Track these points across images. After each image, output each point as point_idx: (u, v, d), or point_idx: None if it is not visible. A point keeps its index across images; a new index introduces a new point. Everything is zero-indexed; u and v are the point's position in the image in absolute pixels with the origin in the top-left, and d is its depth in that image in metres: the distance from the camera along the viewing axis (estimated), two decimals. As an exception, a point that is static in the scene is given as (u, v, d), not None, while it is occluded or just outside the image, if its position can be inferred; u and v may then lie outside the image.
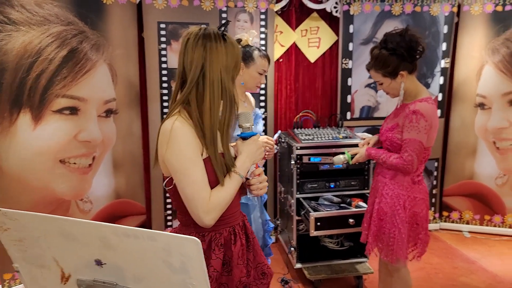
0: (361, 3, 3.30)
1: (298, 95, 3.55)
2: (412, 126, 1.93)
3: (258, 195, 1.33)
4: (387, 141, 2.08)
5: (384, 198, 2.06)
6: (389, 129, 2.07)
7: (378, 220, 2.09)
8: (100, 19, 2.75)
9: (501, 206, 3.57)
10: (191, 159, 1.20)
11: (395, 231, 2.02)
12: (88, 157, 2.79)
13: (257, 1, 3.08)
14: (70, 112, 2.67)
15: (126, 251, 0.70)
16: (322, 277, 2.74)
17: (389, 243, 2.05)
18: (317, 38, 3.45)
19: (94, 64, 2.73)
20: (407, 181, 2.04)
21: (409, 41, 1.96)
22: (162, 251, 0.67)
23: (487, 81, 3.44)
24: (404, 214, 2.01)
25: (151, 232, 0.67)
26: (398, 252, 2.02)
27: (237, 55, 1.28)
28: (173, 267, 0.68)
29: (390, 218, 2.03)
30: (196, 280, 0.67)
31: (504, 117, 3.43)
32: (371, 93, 3.46)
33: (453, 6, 3.37)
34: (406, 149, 1.95)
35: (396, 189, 2.04)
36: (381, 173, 2.13)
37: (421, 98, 2.00)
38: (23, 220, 0.75)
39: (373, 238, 2.13)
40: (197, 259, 0.65)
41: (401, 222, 2.01)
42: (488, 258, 3.20)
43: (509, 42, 3.35)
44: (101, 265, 0.74)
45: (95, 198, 2.89)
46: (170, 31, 2.99)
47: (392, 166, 2.01)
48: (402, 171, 2.00)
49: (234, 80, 1.29)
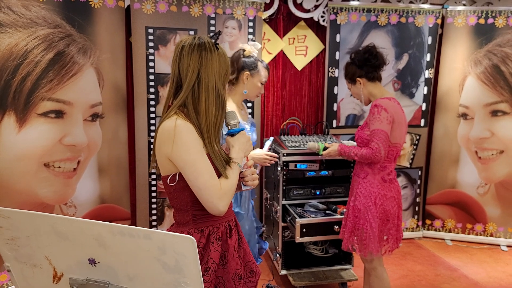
0: (348, 13, 3.36)
1: (285, 102, 3.57)
2: (374, 118, 2.14)
3: (253, 185, 1.43)
4: (359, 139, 2.28)
5: (358, 196, 2.23)
6: (360, 128, 2.31)
7: (353, 217, 2.25)
8: (87, 23, 2.74)
9: (482, 215, 3.65)
10: (200, 151, 1.29)
11: (367, 226, 2.18)
12: (73, 161, 2.76)
13: (246, 9, 3.11)
14: (55, 115, 2.64)
15: (120, 249, 0.69)
16: (307, 284, 2.75)
17: (362, 238, 2.20)
18: (304, 46, 3.50)
19: (81, 67, 2.70)
20: (378, 180, 2.21)
21: (365, 53, 2.26)
22: (157, 249, 0.67)
23: (470, 92, 3.53)
24: (375, 210, 2.18)
25: (146, 231, 0.67)
26: (370, 245, 2.17)
27: (228, 64, 1.41)
28: (167, 265, 0.68)
29: (363, 214, 2.20)
30: (189, 279, 0.67)
31: (486, 128, 3.51)
32: (356, 102, 3.50)
33: (437, 18, 3.46)
34: (373, 139, 2.14)
35: (368, 187, 2.21)
36: (356, 173, 2.30)
37: (383, 97, 2.22)
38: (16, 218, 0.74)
39: (348, 233, 2.28)
40: (191, 257, 0.66)
41: (373, 218, 2.17)
42: (469, 266, 3.26)
43: (491, 54, 3.44)
44: (94, 264, 0.73)
45: (79, 202, 2.85)
46: (158, 36, 2.99)
47: (362, 157, 2.17)
48: (372, 160, 2.16)
49: (225, 86, 1.41)
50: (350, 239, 2.28)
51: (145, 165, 3.10)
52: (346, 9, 3.35)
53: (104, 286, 0.73)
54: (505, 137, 3.49)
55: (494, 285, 2.96)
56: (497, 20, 3.42)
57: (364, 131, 2.24)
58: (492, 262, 3.33)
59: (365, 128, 2.26)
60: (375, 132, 2.13)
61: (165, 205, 3.20)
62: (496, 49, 3.44)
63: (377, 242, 2.17)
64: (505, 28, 3.42)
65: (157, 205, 3.18)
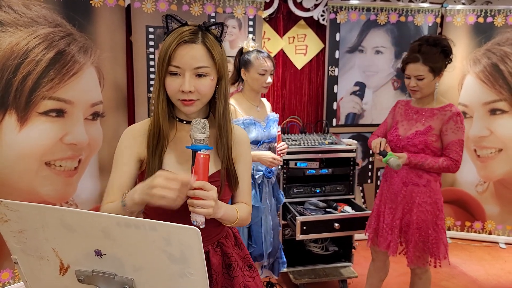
0: (348, 12, 3.37)
1: (285, 101, 3.59)
2: (458, 128, 2.05)
3: (196, 220, 1.04)
4: (420, 144, 2.09)
5: (422, 206, 2.10)
6: (422, 132, 2.10)
7: (417, 229, 2.11)
8: (88, 22, 2.75)
9: (481, 213, 3.66)
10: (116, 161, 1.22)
11: (438, 234, 2.09)
12: (74, 160, 2.77)
13: (246, 8, 3.12)
14: (56, 114, 2.65)
15: (127, 241, 0.71)
16: (307, 281, 2.76)
17: (432, 249, 2.10)
18: (304, 45, 3.51)
19: (82, 66, 2.71)
20: (438, 186, 2.13)
21: (450, 50, 2.08)
22: (162, 240, 0.68)
23: (469, 91, 3.55)
24: (443, 215, 2.13)
25: (152, 222, 0.68)
26: (441, 252, 2.09)
27: (161, 50, 1.19)
28: (172, 256, 0.69)
29: (432, 224, 2.09)
30: (194, 269, 0.68)
31: (485, 126, 3.53)
32: (356, 101, 3.52)
33: (436, 17, 3.48)
34: (455, 150, 2.04)
35: (433, 195, 2.10)
36: (410, 181, 2.13)
37: (450, 103, 2.13)
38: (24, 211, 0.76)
39: (414, 249, 2.12)
40: (196, 248, 0.67)
41: (442, 224, 2.11)
42: (468, 263, 3.27)
43: (490, 53, 3.46)
44: (100, 255, 0.74)
45: (81, 201, 2.86)
46: (159, 35, 3.00)
47: (441, 169, 2.06)
48: (449, 172, 2.08)
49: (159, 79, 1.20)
50: (417, 254, 2.12)
51: (146, 163, 3.11)
52: (346, 8, 3.36)
53: (110, 277, 0.74)
54: (503, 136, 3.51)
55: (493, 282, 2.98)
56: (496, 19, 3.44)
57: (428, 137, 2.08)
58: (491, 259, 3.35)
59: (429, 133, 2.08)
60: (459, 142, 2.04)
61: (166, 204, 3.21)
62: (495, 48, 3.46)
63: (446, 247, 2.12)
64: (504, 26, 3.43)
65: (157, 204, 3.19)
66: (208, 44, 1.10)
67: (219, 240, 1.25)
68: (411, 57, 2.10)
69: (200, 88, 1.09)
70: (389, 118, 2.35)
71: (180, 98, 1.10)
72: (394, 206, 2.19)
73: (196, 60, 1.08)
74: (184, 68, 1.08)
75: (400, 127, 2.20)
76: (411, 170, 2.13)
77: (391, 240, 2.19)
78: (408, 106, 2.24)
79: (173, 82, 1.09)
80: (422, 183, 2.11)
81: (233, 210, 1.18)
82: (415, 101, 2.23)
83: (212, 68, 1.11)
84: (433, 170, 2.08)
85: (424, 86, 2.07)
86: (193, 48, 1.08)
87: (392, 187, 2.21)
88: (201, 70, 1.09)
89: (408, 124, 2.17)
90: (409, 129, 2.16)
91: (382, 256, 2.35)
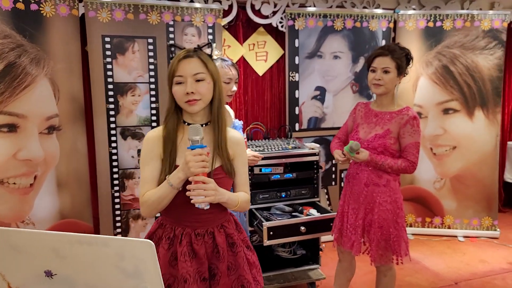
0: (305, 19, 3.43)
1: (247, 107, 3.60)
2: (414, 131, 2.13)
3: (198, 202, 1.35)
4: (380, 147, 2.15)
5: (383, 206, 2.15)
6: (381, 136, 2.16)
7: (379, 228, 2.15)
8: (39, 32, 2.65)
9: (440, 209, 3.81)
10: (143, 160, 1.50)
11: (399, 231, 2.15)
12: (29, 177, 2.65)
13: (204, 16, 3.12)
14: (8, 129, 2.53)
15: (79, 259, 0.68)
16: (276, 287, 2.76)
17: (394, 245, 2.15)
18: (265, 52, 3.54)
19: (34, 78, 2.61)
20: (397, 185, 2.20)
21: (411, 58, 2.21)
22: (115, 256, 0.66)
23: (423, 92, 3.69)
24: (403, 214, 2.19)
25: (104, 238, 0.66)
26: (402, 250, 2.15)
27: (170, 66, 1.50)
28: (126, 271, 0.67)
29: (392, 222, 2.15)
30: (150, 283, 0.67)
31: (439, 125, 3.68)
32: (317, 105, 3.58)
33: (389, 22, 3.61)
34: (412, 152, 2.12)
35: (392, 194, 2.17)
36: (371, 181, 2.19)
37: (407, 106, 2.20)
38: (-35, 233, 0.71)
39: (376, 247, 2.17)
40: (150, 262, 0.65)
41: (402, 222, 2.17)
42: (430, 258, 3.39)
43: (440, 55, 3.63)
44: (51, 276, 0.71)
45: (38, 219, 2.74)
46: (116, 45, 2.94)
47: (398, 169, 2.13)
48: (405, 172, 2.15)
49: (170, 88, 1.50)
50: (380, 253, 2.17)
51: (107, 177, 3.02)
52: (303, 15, 3.43)
53: (62, 297, 0.71)
54: (457, 134, 3.67)
55: (453, 274, 3.10)
56: (445, 23, 3.61)
57: (387, 140, 2.14)
58: (451, 252, 3.49)
59: (387, 135, 2.15)
60: (415, 145, 2.12)
61: (130, 217, 3.13)
62: (445, 51, 3.62)
63: (407, 244, 2.18)
64: (452, 30, 3.61)
65: (121, 217, 3.11)
66: (202, 57, 1.43)
67: (222, 223, 1.51)
68: (379, 51, 2.19)
69: (200, 90, 1.40)
70: (350, 120, 2.40)
71: (185, 100, 1.40)
72: (357, 206, 2.24)
73: (194, 68, 1.40)
74: (185, 75, 1.39)
75: (360, 130, 2.26)
76: (372, 171, 2.19)
77: (355, 240, 2.23)
78: (368, 108, 2.29)
79: (179, 89, 1.41)
80: (382, 183, 2.17)
81: (236, 196, 1.48)
82: (374, 104, 2.29)
83: (207, 74, 1.42)
84: (392, 170, 2.14)
85: (388, 80, 2.14)
86: (191, 60, 1.41)
87: (355, 188, 2.26)
88: (198, 75, 1.40)
89: (368, 127, 2.23)
90: (369, 132, 2.22)
91: (348, 256, 2.39)
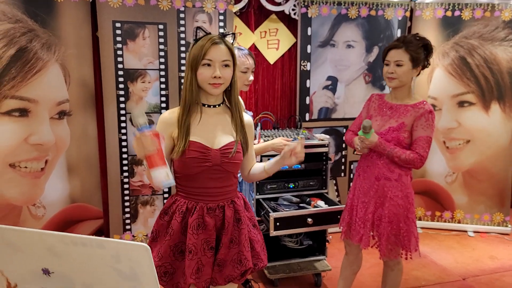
0: (319, 6, 3.37)
1: (257, 96, 3.57)
2: (428, 125, 2.09)
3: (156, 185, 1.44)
4: (393, 141, 2.11)
5: (394, 200, 2.13)
6: (395, 129, 2.13)
7: (389, 223, 2.14)
8: (51, 17, 2.65)
9: (450, 203, 3.76)
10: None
11: (409, 227, 2.13)
12: (40, 161, 2.68)
13: (216, 2, 3.07)
14: (20, 114, 2.56)
15: (75, 259, 0.68)
16: (281, 276, 2.77)
17: (404, 242, 2.13)
18: (276, 39, 3.49)
19: (45, 64, 2.62)
20: (409, 180, 2.16)
21: (431, 49, 2.14)
22: (111, 258, 0.65)
23: (438, 84, 3.61)
24: (413, 209, 2.17)
25: (99, 240, 0.65)
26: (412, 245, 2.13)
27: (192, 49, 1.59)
28: (123, 274, 0.67)
29: (403, 217, 2.13)
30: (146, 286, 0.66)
31: (453, 118, 3.61)
32: (328, 95, 3.54)
33: (406, 11, 3.52)
34: (422, 145, 2.07)
35: (404, 189, 2.13)
36: (382, 175, 2.16)
37: (423, 100, 2.16)
38: (-37, 230, 0.71)
39: (386, 242, 2.15)
40: (146, 265, 0.65)
41: (413, 217, 2.15)
42: (438, 252, 3.36)
43: (458, 46, 3.53)
44: (48, 274, 0.71)
45: (49, 203, 2.78)
46: (126, 31, 2.92)
47: (405, 160, 2.07)
48: (413, 166, 2.10)
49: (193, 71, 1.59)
50: (389, 247, 2.15)
51: (117, 162, 3.04)
52: (317, 2, 3.36)
53: (59, 296, 0.71)
54: (471, 127, 3.60)
55: (461, 270, 3.07)
56: (464, 13, 3.50)
57: (401, 133, 2.11)
58: (460, 247, 3.45)
59: (402, 129, 2.11)
60: (427, 139, 2.08)
61: (138, 203, 3.16)
62: (462, 41, 3.52)
63: (417, 239, 2.16)
64: (471, 20, 3.50)
65: (130, 203, 3.14)
66: (228, 46, 1.56)
67: (232, 199, 1.63)
68: (393, 44, 2.15)
69: (225, 75, 1.54)
70: (364, 112, 2.36)
71: (210, 82, 1.52)
72: (367, 200, 2.22)
73: (223, 55, 1.53)
74: (215, 60, 1.51)
75: (374, 123, 2.21)
76: (383, 165, 2.16)
77: (363, 234, 2.22)
78: (382, 101, 2.25)
79: (205, 71, 1.52)
80: (394, 177, 2.14)
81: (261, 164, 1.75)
82: (389, 96, 2.25)
83: (231, 62, 1.56)
84: (399, 160, 2.09)
85: (402, 73, 2.10)
86: (220, 47, 1.53)
87: (365, 181, 2.23)
88: (226, 62, 1.54)
89: (382, 120, 2.20)
90: (382, 125, 2.18)
91: (355, 250, 2.38)
